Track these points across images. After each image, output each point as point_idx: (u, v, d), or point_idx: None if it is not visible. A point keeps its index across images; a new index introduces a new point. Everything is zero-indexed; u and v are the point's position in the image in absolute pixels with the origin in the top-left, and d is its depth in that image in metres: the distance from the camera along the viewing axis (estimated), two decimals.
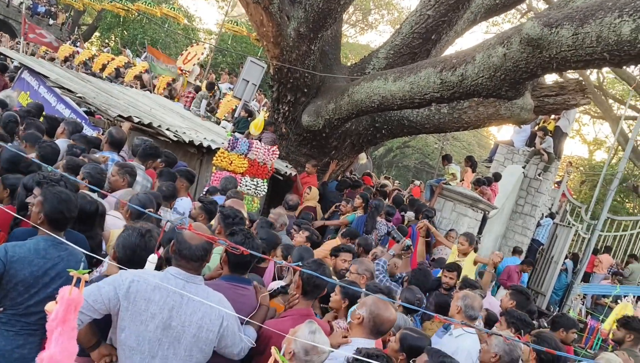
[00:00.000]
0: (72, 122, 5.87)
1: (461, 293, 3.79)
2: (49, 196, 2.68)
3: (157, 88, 17.46)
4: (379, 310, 2.80)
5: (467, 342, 3.42)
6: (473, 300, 3.69)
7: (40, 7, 32.57)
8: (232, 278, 2.91)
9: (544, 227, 13.07)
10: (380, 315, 2.80)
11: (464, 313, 3.64)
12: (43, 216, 2.66)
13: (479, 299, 3.82)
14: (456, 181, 9.15)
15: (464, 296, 3.71)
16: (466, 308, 3.63)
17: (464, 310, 3.64)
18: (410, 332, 3.10)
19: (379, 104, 6.89)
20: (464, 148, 34.77)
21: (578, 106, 6.90)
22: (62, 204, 2.66)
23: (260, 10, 7.04)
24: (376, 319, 2.80)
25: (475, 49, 5.44)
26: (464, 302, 3.65)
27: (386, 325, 2.82)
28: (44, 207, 2.66)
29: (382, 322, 2.81)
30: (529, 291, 5.03)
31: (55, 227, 2.66)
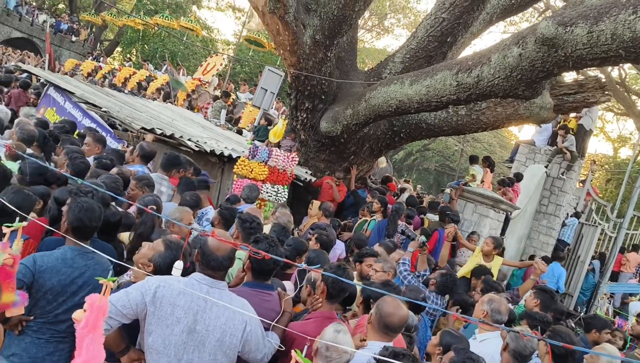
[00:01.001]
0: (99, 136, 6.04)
1: (486, 297, 3.73)
2: (73, 206, 2.78)
3: (177, 100, 17.78)
4: (385, 305, 2.81)
5: (491, 347, 3.40)
6: (500, 304, 3.65)
7: (63, 25, 33.38)
8: (256, 285, 2.98)
9: (569, 227, 12.88)
10: (385, 309, 2.79)
11: (490, 317, 3.59)
12: (67, 225, 2.77)
13: (505, 303, 3.80)
14: (476, 182, 9.10)
15: (489, 300, 3.66)
16: (493, 312, 3.59)
17: (491, 314, 3.59)
18: (450, 331, 3.24)
19: (396, 108, 6.92)
20: (485, 149, 34.39)
21: (598, 103, 6.83)
22: (83, 214, 2.74)
23: (277, 19, 7.15)
24: (382, 313, 2.79)
25: (490, 50, 5.44)
26: (491, 306, 3.61)
27: (395, 322, 2.79)
28: (68, 216, 2.77)
29: (388, 315, 2.78)
30: (552, 290, 4.99)
31: (80, 236, 2.75)
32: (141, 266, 2.83)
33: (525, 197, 11.19)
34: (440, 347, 3.15)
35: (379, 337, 2.81)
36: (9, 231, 2.38)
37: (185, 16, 29.07)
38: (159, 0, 33.00)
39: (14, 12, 31.37)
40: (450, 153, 37.06)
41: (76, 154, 4.59)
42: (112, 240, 3.44)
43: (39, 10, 34.73)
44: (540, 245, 12.42)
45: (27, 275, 2.53)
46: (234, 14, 39.26)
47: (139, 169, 5.22)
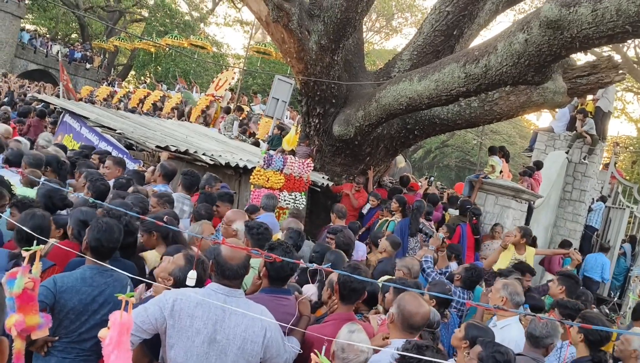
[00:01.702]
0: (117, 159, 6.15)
1: (500, 284, 3.70)
2: (93, 226, 2.84)
3: (192, 116, 17.99)
4: (406, 304, 2.77)
5: (513, 332, 3.37)
6: (515, 286, 3.63)
7: (77, 53, 34.07)
8: (272, 291, 2.98)
9: (596, 212, 12.64)
10: (408, 309, 2.76)
11: (510, 302, 3.57)
12: (86, 245, 2.82)
13: (518, 283, 3.78)
14: (495, 173, 8.98)
15: (504, 285, 3.64)
16: (512, 296, 3.57)
17: (510, 298, 3.57)
18: (475, 324, 3.19)
19: (406, 106, 6.89)
20: (504, 141, 33.96)
21: (613, 83, 6.68)
22: (102, 234, 2.79)
23: (281, 28, 7.20)
24: (404, 312, 2.76)
25: (496, 39, 5.39)
26: (508, 291, 3.58)
27: (417, 319, 2.76)
28: (88, 236, 2.82)
29: (412, 315, 2.75)
30: (577, 275, 4.88)
31: (99, 256, 2.80)
32: (161, 280, 2.87)
33: (548, 185, 11.02)
34: (466, 340, 3.09)
35: (401, 334, 2.78)
36: (28, 255, 2.43)
37: (194, 34, 29.44)
38: (168, 21, 33.51)
39: (29, 45, 32.18)
40: (469, 148, 36.75)
41: (96, 176, 4.67)
42: (131, 255, 3.48)
43: (52, 42, 35.57)
44: (567, 232, 12.19)
45: (48, 296, 2.58)
46: (242, 28, 39.69)
47: (161, 188, 5.31)
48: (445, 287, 3.98)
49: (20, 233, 2.88)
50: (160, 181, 5.58)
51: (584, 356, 3.42)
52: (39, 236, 2.59)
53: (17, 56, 31.03)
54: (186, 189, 5.46)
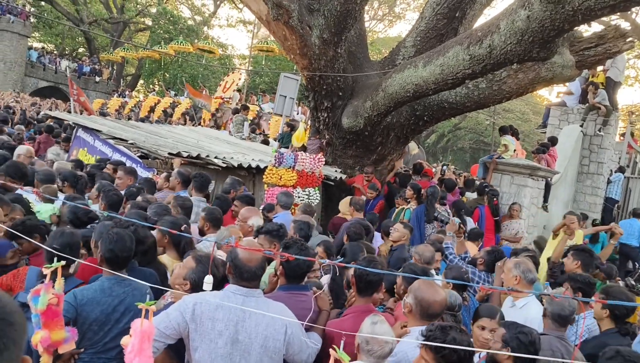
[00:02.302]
0: (129, 169, 6.24)
1: (511, 263, 3.67)
2: (104, 238, 2.90)
3: (203, 120, 18.12)
4: (423, 294, 2.79)
5: (533, 311, 3.36)
6: (526, 264, 3.64)
7: (85, 67, 34.41)
8: (290, 287, 3.01)
9: (615, 183, 12.48)
10: (426, 299, 2.78)
11: (524, 280, 3.56)
12: (101, 256, 2.88)
13: (529, 260, 3.77)
14: (509, 152, 8.91)
15: (516, 264, 3.62)
16: (524, 274, 3.56)
17: (523, 276, 3.56)
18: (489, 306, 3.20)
19: (413, 93, 6.86)
20: (518, 118, 33.67)
21: (621, 52, 6.58)
22: (114, 245, 2.85)
23: (282, 25, 7.20)
24: (422, 303, 2.78)
25: (498, 18, 5.33)
26: (520, 269, 3.57)
27: (435, 307, 2.78)
28: (101, 248, 2.88)
29: (429, 304, 2.77)
30: (591, 249, 4.83)
31: (114, 266, 2.85)
32: (178, 286, 2.91)
33: (564, 160, 10.91)
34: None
35: (420, 323, 2.79)
36: (49, 272, 2.49)
37: (198, 38, 29.58)
38: (172, 28, 33.67)
39: (38, 63, 32.61)
40: (482, 128, 36.44)
41: (108, 187, 4.74)
42: (151, 262, 3.53)
43: (60, 58, 35.99)
44: (587, 206, 12.07)
45: (70, 310, 2.64)
46: (245, 27, 39.73)
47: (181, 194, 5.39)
48: (461, 271, 3.97)
49: (50, 252, 2.95)
50: (179, 188, 5.67)
51: (610, 328, 3.41)
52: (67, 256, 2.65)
53: (27, 75, 31.50)
54: (199, 191, 5.55)
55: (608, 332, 3.42)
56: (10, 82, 29.53)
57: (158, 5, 34.43)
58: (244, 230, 4.24)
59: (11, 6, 30.14)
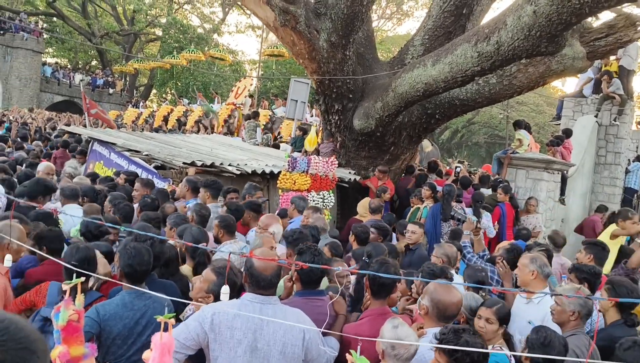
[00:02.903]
0: (145, 180, 6.33)
1: (526, 259, 3.65)
2: (122, 253, 2.95)
3: (216, 127, 18.24)
4: (439, 296, 2.80)
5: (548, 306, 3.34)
6: (541, 258, 3.63)
7: (99, 80, 34.88)
8: (306, 293, 3.05)
9: (633, 173, 12.31)
10: (442, 301, 2.79)
11: (540, 274, 3.55)
12: (120, 271, 2.93)
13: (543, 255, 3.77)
14: (523, 147, 8.85)
15: (532, 259, 3.60)
16: (541, 268, 3.55)
17: (540, 271, 3.55)
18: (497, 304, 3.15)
19: (423, 92, 6.86)
20: (532, 111, 33.34)
21: (632, 41, 6.50)
22: (132, 259, 2.90)
23: (289, 31, 7.25)
24: (439, 305, 2.79)
25: (504, 14, 5.32)
26: (537, 264, 3.56)
27: (452, 309, 2.80)
28: (120, 263, 2.94)
29: (446, 307, 2.79)
30: (603, 242, 4.79)
31: (133, 280, 2.90)
32: (202, 300, 2.96)
33: (580, 151, 10.80)
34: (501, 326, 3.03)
35: (436, 324, 2.81)
36: (68, 288, 2.54)
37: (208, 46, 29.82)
38: (182, 37, 33.98)
39: (52, 78, 33.14)
40: (496, 123, 36.11)
41: (119, 199, 4.81)
42: (173, 274, 3.58)
43: (74, 72, 36.51)
44: (606, 197, 11.92)
45: (93, 326, 2.70)
46: (254, 32, 39.93)
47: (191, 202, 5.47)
48: (479, 271, 3.97)
49: (68, 268, 3.01)
50: (189, 196, 5.73)
51: (616, 320, 3.41)
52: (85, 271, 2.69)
53: (43, 90, 32.03)
54: (214, 198, 5.59)
55: (615, 324, 3.42)
56: (26, 98, 30.04)
57: (168, 16, 34.76)
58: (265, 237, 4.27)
59: (24, 24, 30.66)
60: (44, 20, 37.85)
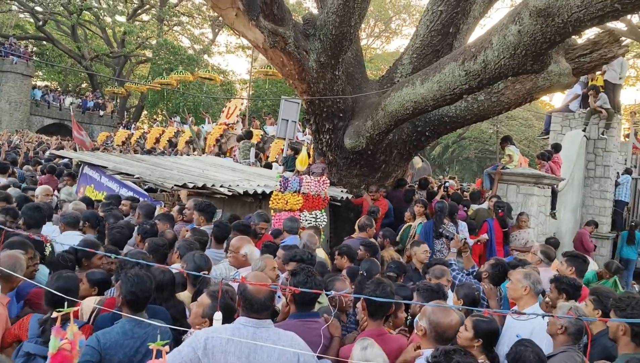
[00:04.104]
0: (145, 205, 6.31)
1: (520, 274, 3.65)
2: (124, 280, 2.93)
3: (207, 147, 18.28)
4: (438, 319, 2.80)
5: (539, 321, 3.35)
6: (535, 275, 3.65)
7: (89, 103, 34.84)
8: (300, 315, 3.04)
9: (623, 185, 12.45)
10: (441, 323, 2.79)
11: (533, 291, 3.56)
12: (122, 299, 2.91)
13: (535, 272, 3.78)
14: (513, 163, 8.93)
15: (526, 275, 3.61)
16: (534, 284, 3.56)
17: (533, 288, 3.56)
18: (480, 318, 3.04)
19: (413, 110, 6.92)
20: (522, 125, 33.70)
21: (616, 57, 6.61)
22: (135, 287, 2.89)
23: (279, 52, 7.31)
24: (437, 328, 2.79)
25: (490, 33, 5.41)
26: (531, 280, 3.57)
27: (449, 332, 2.80)
28: (121, 290, 2.91)
29: (444, 329, 2.79)
30: (584, 255, 4.83)
31: (135, 308, 2.89)
32: (199, 326, 2.94)
33: (569, 166, 10.90)
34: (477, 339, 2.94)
35: (434, 345, 2.80)
36: (59, 316, 2.52)
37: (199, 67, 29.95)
38: (172, 58, 34.13)
39: (42, 102, 33.11)
40: (486, 137, 36.38)
41: (112, 225, 4.78)
42: (169, 299, 3.54)
43: (64, 95, 36.49)
44: (597, 210, 12.04)
45: (94, 355, 2.68)
46: (244, 53, 40.19)
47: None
48: (472, 288, 3.97)
49: (48, 295, 2.99)
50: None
51: (602, 330, 3.44)
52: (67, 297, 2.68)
53: (33, 114, 31.98)
54: (208, 222, 5.54)
55: (602, 333, 3.43)
56: (16, 122, 29.95)
57: (158, 37, 34.94)
58: (238, 260, 4.21)
59: (14, 48, 30.70)
60: (33, 44, 37.92)
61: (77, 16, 33.02)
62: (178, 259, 4.26)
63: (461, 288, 4.00)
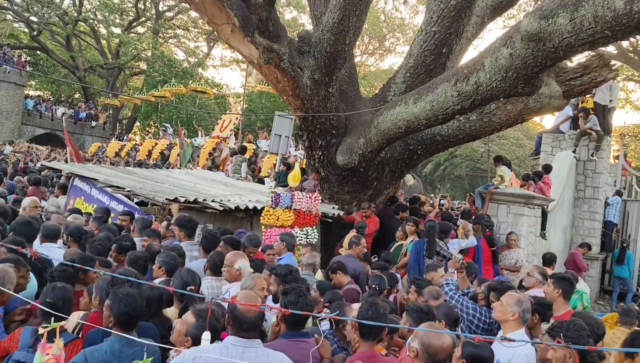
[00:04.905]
0: (141, 219, 6.27)
1: (513, 299, 3.60)
2: (115, 300, 2.89)
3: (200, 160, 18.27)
4: (430, 340, 2.77)
5: (524, 347, 3.33)
6: (528, 303, 3.62)
7: (82, 113, 34.73)
8: (291, 335, 3.02)
9: (613, 206, 12.55)
10: (433, 345, 2.76)
11: (521, 318, 3.52)
12: (113, 319, 2.87)
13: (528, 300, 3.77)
14: (505, 183, 8.98)
15: (519, 301, 3.56)
16: (523, 313, 3.53)
17: (522, 315, 3.51)
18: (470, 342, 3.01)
19: (405, 129, 6.97)
20: (513, 144, 33.94)
21: (606, 81, 6.70)
22: (127, 307, 2.85)
23: (273, 69, 7.35)
24: (429, 350, 2.76)
25: (482, 55, 5.48)
26: (521, 308, 3.52)
27: (441, 354, 2.77)
28: (112, 310, 2.87)
29: (436, 351, 2.76)
30: (570, 276, 4.82)
31: (126, 327, 2.85)
32: (181, 345, 2.91)
33: (559, 186, 10.98)
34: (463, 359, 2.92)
35: None
36: (46, 332, 2.50)
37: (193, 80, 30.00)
38: (166, 71, 34.16)
39: (34, 111, 32.97)
40: (478, 156, 36.63)
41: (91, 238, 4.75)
42: (156, 314, 3.51)
43: (56, 105, 36.38)
44: (586, 231, 12.11)
45: None
46: (239, 66, 40.34)
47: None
48: (450, 307, 3.99)
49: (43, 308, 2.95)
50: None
51: None
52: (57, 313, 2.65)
53: (24, 123, 31.83)
54: (190, 237, 5.50)
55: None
56: (7, 131, 29.79)
57: (154, 49, 34.99)
58: (231, 274, 4.19)
59: (7, 57, 30.62)
60: (27, 53, 37.86)
61: (72, 27, 33.03)
62: (162, 273, 4.23)
63: (440, 308, 3.96)
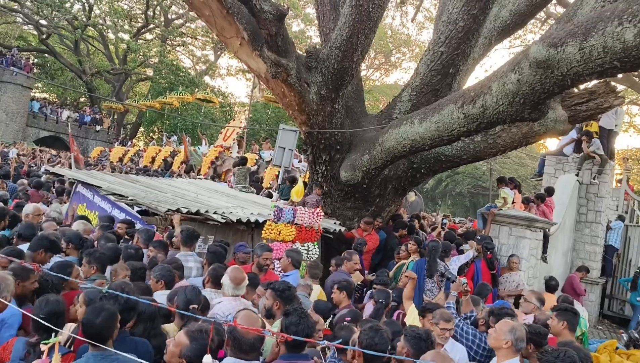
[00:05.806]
0: (145, 230, 6.27)
1: (507, 326, 3.54)
2: (88, 311, 2.88)
3: (202, 169, 18.29)
4: None
5: None
6: (522, 332, 3.55)
7: (87, 117, 34.85)
8: (290, 357, 3.00)
9: (615, 231, 12.52)
10: None
11: (514, 347, 3.47)
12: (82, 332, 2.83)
13: (524, 327, 3.73)
14: (507, 205, 8.97)
15: (512, 329, 3.49)
16: (517, 341, 3.47)
17: (515, 343, 3.46)
18: None
19: (410, 148, 6.98)
20: (515, 164, 33.99)
21: (612, 107, 6.70)
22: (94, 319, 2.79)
23: (280, 83, 7.38)
24: None
25: (490, 79, 5.50)
26: (515, 336, 3.46)
27: None
28: (82, 324, 2.84)
29: None
30: (573, 308, 4.78)
31: (97, 339, 2.77)
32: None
33: (561, 209, 10.95)
34: None
35: None
36: (46, 348, 2.49)
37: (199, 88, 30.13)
38: (172, 78, 34.34)
39: (40, 114, 33.10)
40: (480, 174, 36.65)
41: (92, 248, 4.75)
42: (153, 328, 3.45)
43: (62, 108, 36.52)
44: (587, 255, 12.07)
45: None
46: (244, 76, 40.53)
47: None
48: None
49: (36, 321, 2.93)
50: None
51: None
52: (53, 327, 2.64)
53: (29, 125, 31.93)
54: (187, 246, 5.56)
55: None
56: (12, 132, 29.89)
57: (161, 56, 35.19)
58: None
59: (15, 59, 30.81)
60: (35, 56, 38.10)
61: (81, 31, 33.26)
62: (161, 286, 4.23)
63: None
